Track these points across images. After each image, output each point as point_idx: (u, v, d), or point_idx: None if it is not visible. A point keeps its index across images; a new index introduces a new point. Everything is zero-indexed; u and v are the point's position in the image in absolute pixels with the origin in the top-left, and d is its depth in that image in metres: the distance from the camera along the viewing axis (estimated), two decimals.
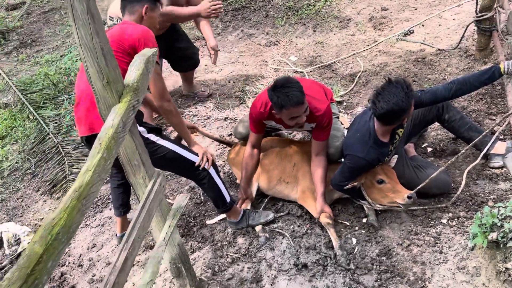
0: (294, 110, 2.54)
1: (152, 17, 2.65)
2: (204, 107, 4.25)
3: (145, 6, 2.59)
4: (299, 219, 2.92)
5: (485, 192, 2.78)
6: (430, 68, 4.04)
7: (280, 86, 2.54)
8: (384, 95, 2.39)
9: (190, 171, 2.58)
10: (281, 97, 2.51)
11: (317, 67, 4.45)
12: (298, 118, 2.61)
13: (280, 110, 2.58)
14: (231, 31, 5.61)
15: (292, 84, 2.53)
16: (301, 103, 2.53)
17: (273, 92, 2.55)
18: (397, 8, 5.20)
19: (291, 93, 2.49)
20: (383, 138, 2.60)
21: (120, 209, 2.92)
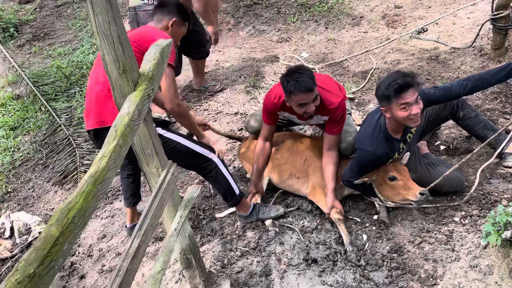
0: (302, 96, 2.55)
1: (177, 32, 2.71)
2: (215, 101, 4.25)
3: (174, 19, 2.67)
4: (309, 214, 2.91)
5: (498, 191, 2.75)
6: (444, 66, 4.00)
7: (292, 72, 2.57)
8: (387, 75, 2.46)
9: (197, 163, 2.58)
10: (291, 82, 2.53)
11: (329, 64, 4.43)
12: (306, 106, 2.60)
13: (289, 96, 2.59)
14: (243, 27, 5.60)
15: (304, 71, 2.56)
16: (310, 89, 2.53)
17: (284, 77, 2.59)
18: (410, 6, 5.16)
19: (301, 79, 2.52)
20: (395, 134, 2.58)
21: (130, 199, 2.93)
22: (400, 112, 2.38)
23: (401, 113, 2.38)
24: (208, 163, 2.58)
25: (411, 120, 2.40)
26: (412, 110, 2.36)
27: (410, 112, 2.36)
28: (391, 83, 2.34)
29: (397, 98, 2.34)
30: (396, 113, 2.40)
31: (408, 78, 2.34)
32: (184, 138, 2.54)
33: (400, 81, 2.32)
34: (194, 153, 2.52)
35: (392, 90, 2.33)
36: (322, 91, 2.68)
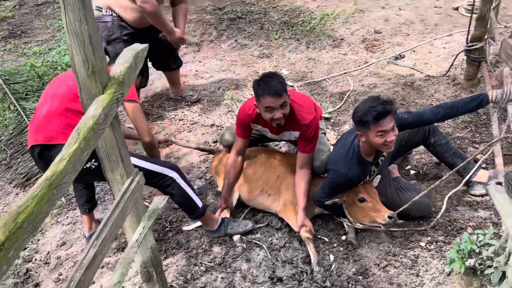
0: (270, 100, 2.55)
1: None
2: (191, 112, 4.20)
3: None
4: (278, 231, 2.87)
5: (464, 219, 2.78)
6: (418, 92, 4.07)
7: (264, 76, 2.61)
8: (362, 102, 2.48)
9: (154, 180, 2.53)
10: (262, 85, 2.56)
11: (308, 82, 4.46)
12: (274, 111, 2.59)
13: (258, 99, 2.61)
14: (225, 40, 5.60)
15: (275, 77, 2.59)
16: (278, 94, 2.54)
17: (256, 83, 2.61)
18: (390, 32, 5.28)
19: (271, 83, 2.54)
20: (367, 157, 2.59)
21: (85, 205, 2.85)
22: (376, 138, 2.39)
23: (377, 139, 2.39)
24: (164, 180, 2.53)
25: (386, 146, 2.42)
26: (388, 137, 2.37)
27: (385, 139, 2.38)
28: (370, 110, 2.34)
29: (375, 125, 2.35)
30: (372, 138, 2.41)
31: (387, 106, 2.34)
32: (138, 158, 2.50)
33: (379, 109, 2.32)
34: (150, 173, 2.47)
35: (370, 116, 2.33)
36: (296, 106, 2.68)
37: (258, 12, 6.20)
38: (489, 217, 2.76)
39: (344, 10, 5.96)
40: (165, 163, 2.60)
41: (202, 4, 6.70)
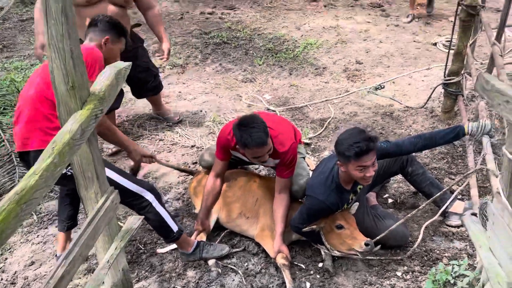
0: (257, 150, 2.56)
1: (112, 50, 2.59)
2: (171, 132, 4.17)
3: (106, 37, 2.54)
4: (255, 257, 2.82)
5: (440, 249, 2.79)
6: (397, 122, 4.16)
7: (244, 125, 2.54)
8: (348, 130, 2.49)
9: (128, 200, 2.46)
10: (245, 136, 2.51)
11: (290, 108, 4.50)
12: (260, 157, 2.62)
13: (243, 149, 2.59)
14: (210, 63, 5.65)
15: (257, 124, 2.54)
16: (264, 144, 2.54)
17: (237, 130, 2.56)
18: (371, 63, 5.41)
19: (254, 134, 2.50)
20: (346, 185, 2.60)
21: (65, 222, 2.76)
22: (355, 171, 2.41)
23: (356, 173, 2.41)
24: (140, 201, 2.47)
25: (364, 180, 2.45)
26: (367, 173, 2.39)
27: (365, 174, 2.40)
28: (353, 145, 2.33)
29: (356, 161, 2.37)
30: (351, 171, 2.42)
31: (371, 144, 2.34)
32: (117, 172, 2.42)
33: (362, 146, 2.32)
34: (125, 190, 2.39)
35: (352, 152, 2.34)
36: (274, 136, 2.69)
37: (243, 38, 6.30)
38: (464, 248, 2.78)
39: (327, 40, 6.11)
40: (142, 183, 2.53)
41: (188, 28, 6.77)
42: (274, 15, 7.16)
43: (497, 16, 6.20)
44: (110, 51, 2.56)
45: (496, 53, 2.77)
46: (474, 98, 4.04)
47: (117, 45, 2.63)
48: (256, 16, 7.14)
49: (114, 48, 2.60)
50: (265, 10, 7.43)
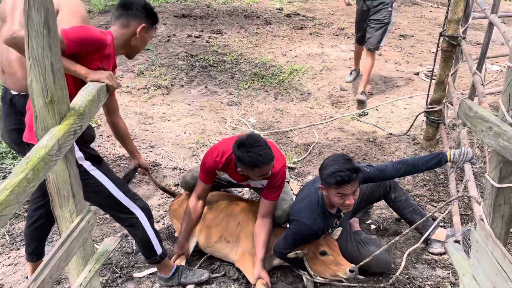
0: (266, 167, 2.52)
1: (145, 39, 2.35)
2: (154, 153, 4.11)
3: (143, 25, 2.29)
4: (235, 282, 2.74)
5: (423, 277, 2.76)
6: (380, 149, 4.18)
7: (250, 146, 2.49)
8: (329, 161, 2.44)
9: (118, 213, 2.37)
10: (254, 156, 2.46)
11: (274, 132, 4.50)
12: (266, 174, 2.59)
13: (252, 169, 2.51)
14: (195, 85, 5.64)
15: (261, 142, 2.52)
16: (272, 159, 2.53)
17: (243, 151, 2.48)
18: (354, 90, 5.48)
19: (263, 152, 2.47)
20: (331, 209, 2.57)
21: (33, 254, 2.61)
22: (335, 197, 2.39)
23: (336, 199, 2.39)
24: (130, 216, 2.38)
25: (343, 207, 2.43)
26: (346, 200, 2.37)
27: (344, 201, 2.38)
28: (336, 173, 2.32)
29: (336, 188, 2.35)
30: (331, 196, 2.41)
31: (353, 174, 2.33)
32: (112, 181, 2.30)
33: (344, 176, 2.30)
34: (116, 202, 2.30)
35: (333, 180, 2.32)
36: None
37: (229, 62, 6.34)
38: (446, 276, 2.76)
39: (313, 66, 6.19)
40: (136, 199, 2.42)
41: (175, 50, 6.79)
42: (261, 41, 7.25)
43: (476, 49, 6.41)
44: (143, 40, 2.35)
45: (477, 82, 2.83)
46: (456, 126, 4.11)
47: (150, 33, 2.38)
48: (243, 41, 7.22)
49: (147, 38, 2.37)
50: (252, 35, 7.53)
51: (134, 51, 2.37)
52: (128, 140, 2.71)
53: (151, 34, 2.39)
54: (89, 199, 2.16)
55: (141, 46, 2.38)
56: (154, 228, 2.47)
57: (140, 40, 2.33)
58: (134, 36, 2.29)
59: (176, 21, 8.09)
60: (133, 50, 2.35)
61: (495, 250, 1.69)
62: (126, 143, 2.72)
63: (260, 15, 8.59)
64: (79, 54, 2.02)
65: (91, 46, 2.06)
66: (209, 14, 8.70)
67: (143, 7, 2.29)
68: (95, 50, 2.08)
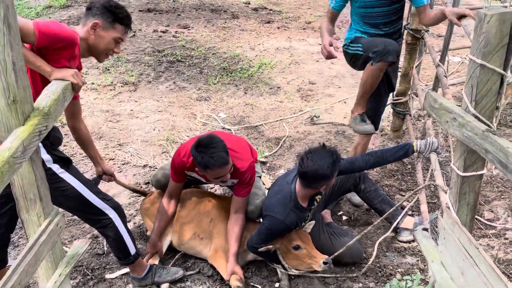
0: (219, 171, 2.50)
1: (102, 37, 2.19)
2: (123, 151, 4.03)
3: (95, 21, 2.16)
4: (210, 279, 2.74)
5: (393, 265, 2.84)
6: (349, 141, 4.26)
7: (204, 146, 2.48)
8: (314, 156, 2.43)
9: (90, 215, 2.32)
10: (206, 158, 2.45)
11: (245, 127, 4.50)
12: (222, 177, 2.57)
13: (205, 170, 2.52)
14: (163, 81, 5.56)
15: (217, 144, 2.49)
16: (226, 164, 2.49)
17: (197, 152, 2.48)
18: (323, 83, 5.55)
19: (216, 154, 2.45)
20: (303, 203, 2.60)
21: None
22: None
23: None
24: (102, 217, 2.32)
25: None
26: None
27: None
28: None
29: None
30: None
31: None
32: (82, 183, 2.23)
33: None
34: (88, 203, 2.25)
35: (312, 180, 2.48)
36: (233, 156, 2.65)
37: (198, 57, 6.28)
38: (416, 263, 2.85)
39: (281, 60, 6.22)
40: (108, 199, 2.36)
41: (141, 45, 6.66)
42: (229, 35, 7.21)
43: (438, 41, 6.60)
44: (99, 39, 2.18)
45: (441, 74, 2.93)
46: (421, 117, 4.23)
47: (110, 32, 2.20)
48: (210, 36, 7.16)
49: (105, 36, 2.19)
50: (220, 30, 7.47)
51: (96, 51, 2.23)
52: (90, 146, 2.64)
53: (113, 33, 2.22)
54: (59, 203, 2.09)
55: (101, 44, 2.21)
56: (127, 228, 2.43)
57: (97, 38, 2.19)
58: (89, 35, 2.19)
59: (141, 16, 7.92)
60: (94, 50, 2.23)
61: (461, 236, 1.75)
62: (88, 149, 2.65)
63: (227, 9, 8.53)
64: (47, 50, 1.95)
65: (62, 43, 1.98)
66: (175, 8, 8.57)
67: (102, 5, 2.20)
68: (65, 47, 2.00)
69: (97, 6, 2.19)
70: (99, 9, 2.18)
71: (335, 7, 3.05)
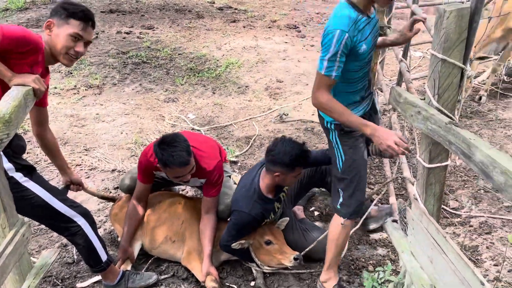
0: (178, 170, 2.49)
1: (57, 35, 2.06)
2: (90, 156, 3.92)
3: (49, 20, 2.05)
4: (185, 282, 2.71)
5: (365, 257, 2.90)
6: (318, 138, 4.31)
7: (167, 144, 2.46)
8: (286, 141, 2.51)
9: (57, 223, 2.24)
10: (166, 155, 2.43)
11: (214, 127, 4.48)
12: (182, 177, 2.55)
13: (164, 168, 2.51)
14: (129, 83, 5.46)
15: (179, 143, 2.47)
16: (186, 164, 2.47)
17: (159, 148, 2.47)
18: (290, 81, 5.60)
19: (176, 153, 2.43)
20: (268, 194, 2.62)
21: None
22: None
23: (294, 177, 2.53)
24: (71, 225, 2.25)
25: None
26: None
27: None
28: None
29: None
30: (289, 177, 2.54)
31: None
32: (47, 191, 2.15)
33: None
34: (55, 211, 2.17)
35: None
36: (199, 155, 2.64)
37: (163, 57, 6.20)
38: (387, 254, 2.92)
39: (248, 59, 6.23)
40: (75, 206, 2.28)
41: (105, 47, 6.52)
42: (194, 35, 7.16)
43: None
44: (55, 37, 2.06)
45: (404, 69, 3.01)
46: (386, 112, 4.34)
47: (64, 28, 2.06)
48: (176, 36, 7.09)
49: (60, 33, 2.06)
50: (185, 30, 7.41)
51: (55, 52, 2.10)
52: (57, 154, 2.55)
53: (68, 29, 2.06)
54: (24, 213, 2.01)
55: (57, 43, 2.07)
56: (97, 235, 2.37)
57: (53, 37, 2.08)
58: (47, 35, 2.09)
59: (103, 17, 7.76)
60: (53, 50, 2.10)
61: (429, 226, 1.81)
62: (55, 158, 2.56)
63: (192, 9, 8.47)
64: (10, 53, 1.86)
65: (27, 47, 1.89)
66: (139, 9, 8.43)
67: (58, 5, 2.11)
68: (29, 52, 1.92)
69: (54, 7, 2.12)
70: (55, 9, 2.10)
71: (338, 75, 2.04)
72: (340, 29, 1.95)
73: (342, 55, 1.98)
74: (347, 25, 1.96)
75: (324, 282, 2.56)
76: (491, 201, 3.31)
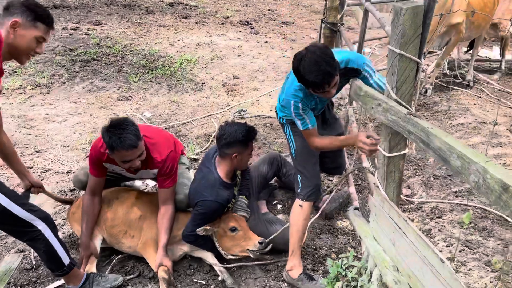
0: (126, 153, 2.41)
1: (23, 36, 2.05)
2: (42, 158, 3.76)
3: (14, 19, 2.02)
4: (151, 281, 2.68)
5: (328, 246, 3.01)
6: (277, 133, 4.39)
7: (114, 127, 2.40)
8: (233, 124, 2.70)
9: (17, 228, 2.14)
10: (113, 138, 2.37)
11: (172, 125, 4.43)
12: (131, 162, 2.48)
13: (112, 152, 2.43)
14: (79, 81, 5.26)
15: (127, 126, 2.41)
16: (133, 146, 2.40)
17: (106, 132, 2.40)
18: (247, 78, 5.64)
19: (124, 136, 2.37)
20: (227, 179, 2.71)
21: None
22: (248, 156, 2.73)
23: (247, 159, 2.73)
24: (30, 229, 2.16)
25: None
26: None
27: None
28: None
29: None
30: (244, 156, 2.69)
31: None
32: (4, 195, 2.06)
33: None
34: (13, 216, 2.07)
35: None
36: (150, 144, 2.60)
37: (114, 54, 6.03)
38: (348, 241, 3.04)
39: (203, 56, 6.20)
40: (35, 210, 2.19)
41: (50, 44, 6.23)
42: (146, 31, 7.02)
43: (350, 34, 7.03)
44: (20, 38, 2.04)
45: None
46: (341, 106, 4.49)
47: (30, 31, 2.06)
48: (126, 32, 6.91)
49: (26, 35, 2.05)
50: (135, 26, 7.24)
51: (17, 51, 2.05)
52: (14, 159, 2.44)
53: (35, 32, 2.08)
54: None
55: (22, 44, 2.05)
56: (58, 238, 2.29)
57: (18, 38, 2.04)
58: (10, 34, 2.03)
59: None
60: (15, 50, 2.05)
61: (391, 211, 1.92)
62: (12, 162, 2.45)
63: (141, 4, 8.29)
64: None
65: None
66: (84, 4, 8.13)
67: (21, 3, 2.06)
68: None
69: (16, 5, 2.04)
70: (18, 8, 2.04)
71: (314, 123, 2.42)
72: (293, 100, 2.34)
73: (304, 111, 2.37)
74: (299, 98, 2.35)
75: (289, 271, 2.65)
76: (440, 187, 3.54)
